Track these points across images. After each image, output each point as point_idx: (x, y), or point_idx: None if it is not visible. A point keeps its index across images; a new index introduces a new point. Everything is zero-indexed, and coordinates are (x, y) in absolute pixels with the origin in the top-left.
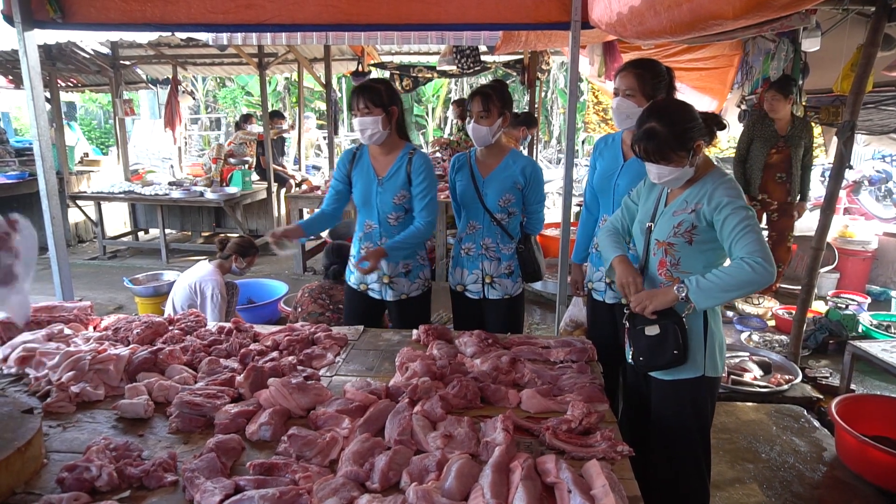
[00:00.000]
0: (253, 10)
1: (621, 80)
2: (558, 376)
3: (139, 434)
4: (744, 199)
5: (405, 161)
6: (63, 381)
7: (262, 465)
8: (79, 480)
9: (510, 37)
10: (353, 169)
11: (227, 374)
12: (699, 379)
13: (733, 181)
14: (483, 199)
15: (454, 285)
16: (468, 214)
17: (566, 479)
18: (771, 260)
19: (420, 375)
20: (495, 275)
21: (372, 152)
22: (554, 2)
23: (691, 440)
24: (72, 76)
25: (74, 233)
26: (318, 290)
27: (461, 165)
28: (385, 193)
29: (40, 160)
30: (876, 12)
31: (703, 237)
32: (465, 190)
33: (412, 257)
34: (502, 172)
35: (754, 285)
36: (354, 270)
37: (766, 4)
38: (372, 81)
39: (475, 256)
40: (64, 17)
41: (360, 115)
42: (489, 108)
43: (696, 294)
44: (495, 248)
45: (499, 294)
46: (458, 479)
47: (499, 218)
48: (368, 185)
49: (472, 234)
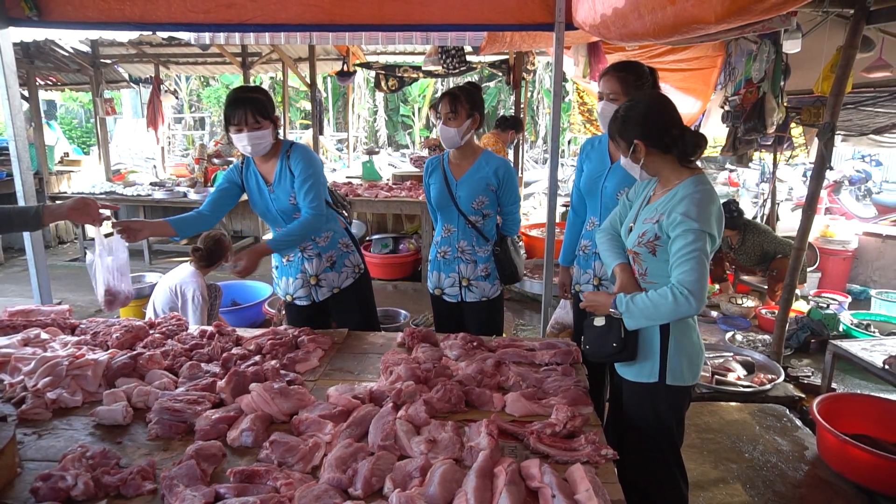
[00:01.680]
0: (234, 10)
1: (605, 83)
2: (543, 379)
3: (117, 441)
4: (706, 218)
5: (285, 161)
6: (39, 387)
7: (242, 473)
8: (54, 490)
9: (495, 37)
10: (244, 181)
11: (209, 379)
12: (657, 385)
13: (703, 196)
14: (456, 201)
15: (433, 289)
16: (443, 218)
17: (550, 484)
18: (700, 293)
19: (404, 379)
20: (472, 277)
21: (256, 161)
22: (538, 3)
23: (659, 444)
24: (51, 74)
25: (55, 234)
26: None
27: (434, 168)
28: (280, 199)
29: (16, 160)
30: (854, 15)
31: (665, 248)
32: (439, 193)
33: (333, 248)
34: (475, 174)
35: (676, 315)
36: (281, 283)
37: (747, 9)
38: (252, 93)
39: (451, 260)
40: (40, 15)
41: (249, 130)
42: (457, 110)
43: (626, 315)
44: (471, 250)
45: (476, 297)
46: (441, 485)
47: (473, 220)
48: (262, 196)
49: (447, 237)
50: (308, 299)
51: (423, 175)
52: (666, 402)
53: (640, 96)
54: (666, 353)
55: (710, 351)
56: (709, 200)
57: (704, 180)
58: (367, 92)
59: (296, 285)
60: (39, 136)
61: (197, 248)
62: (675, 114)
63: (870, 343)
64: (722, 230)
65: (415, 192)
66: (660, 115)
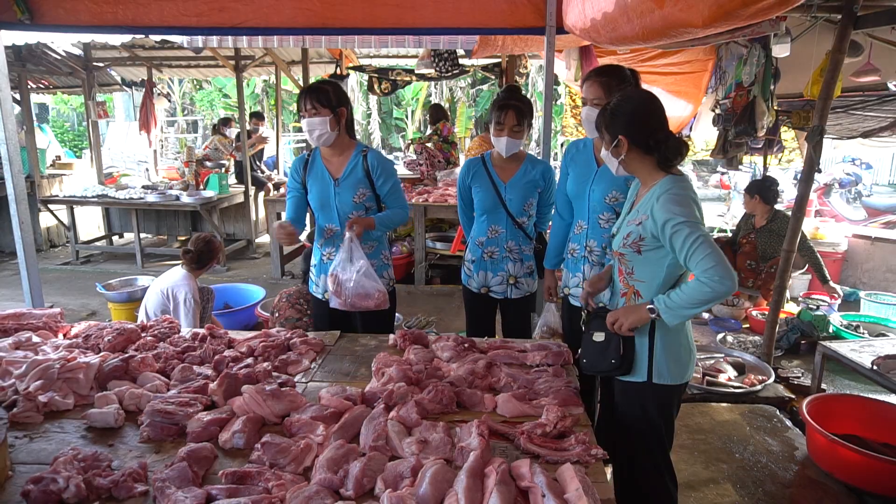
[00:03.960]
0: (227, 14)
1: (588, 89)
2: (534, 380)
3: (109, 444)
4: (688, 210)
5: (360, 160)
6: (30, 390)
7: (234, 474)
8: (45, 493)
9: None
10: (307, 174)
11: (201, 382)
12: (644, 385)
13: (678, 191)
14: (506, 204)
15: (478, 288)
16: (489, 219)
17: (540, 484)
18: (726, 269)
19: (396, 381)
20: (519, 275)
21: (324, 154)
22: (529, 7)
23: (647, 443)
24: (43, 78)
25: (46, 237)
26: (295, 296)
27: (476, 171)
28: (343, 194)
29: (7, 164)
30: (842, 20)
31: (650, 247)
32: (487, 196)
33: (376, 257)
34: (524, 177)
35: (716, 297)
36: (319, 281)
37: (733, 13)
38: (320, 83)
39: (500, 259)
40: (32, 19)
41: (307, 116)
42: (522, 123)
43: (666, 312)
44: (518, 250)
45: (521, 293)
46: (432, 485)
47: (520, 221)
48: (325, 188)
49: (494, 238)
50: None
51: (418, 175)
52: (654, 401)
53: (632, 92)
54: (652, 352)
55: (701, 352)
56: (685, 195)
57: (681, 180)
58: (361, 95)
59: None
60: (31, 139)
61: (187, 251)
62: (663, 116)
63: (858, 344)
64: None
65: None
66: (648, 116)
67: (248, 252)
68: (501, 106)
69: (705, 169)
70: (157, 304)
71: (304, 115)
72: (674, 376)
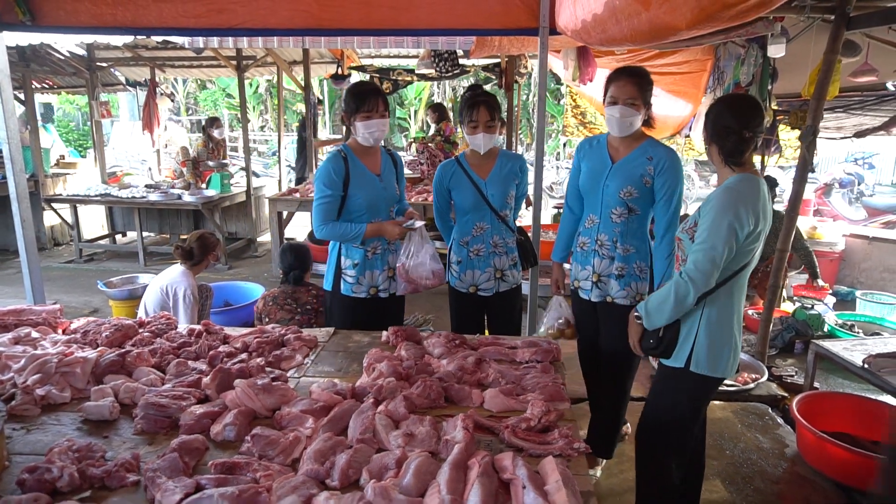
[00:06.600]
0: (225, 15)
1: (621, 89)
2: (522, 376)
3: (104, 436)
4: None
5: (387, 156)
6: (28, 383)
7: (223, 465)
8: (39, 481)
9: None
10: (349, 175)
11: (195, 376)
12: (681, 371)
13: (735, 188)
14: (489, 200)
15: (466, 288)
16: (473, 218)
17: (521, 476)
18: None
19: (386, 376)
20: (505, 268)
21: (359, 153)
22: (522, 8)
23: (667, 427)
24: (47, 78)
25: (50, 236)
26: (282, 297)
27: (453, 173)
28: (388, 189)
29: (10, 163)
30: (835, 20)
31: None
32: (468, 196)
33: None
34: (501, 171)
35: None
36: (363, 280)
37: (714, 16)
38: (374, 86)
39: (486, 255)
40: (33, 20)
41: (377, 118)
42: (494, 117)
43: (645, 319)
44: (503, 243)
45: (508, 285)
46: (416, 477)
47: (503, 215)
48: (373, 186)
49: (479, 235)
50: (388, 291)
51: (419, 175)
52: (687, 389)
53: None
54: (695, 340)
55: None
56: (738, 195)
57: (746, 178)
58: None
59: (381, 277)
60: (35, 138)
61: (179, 246)
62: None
63: (851, 343)
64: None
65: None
66: (721, 116)
67: (250, 251)
68: (472, 104)
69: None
70: (156, 301)
71: (373, 116)
72: (711, 368)
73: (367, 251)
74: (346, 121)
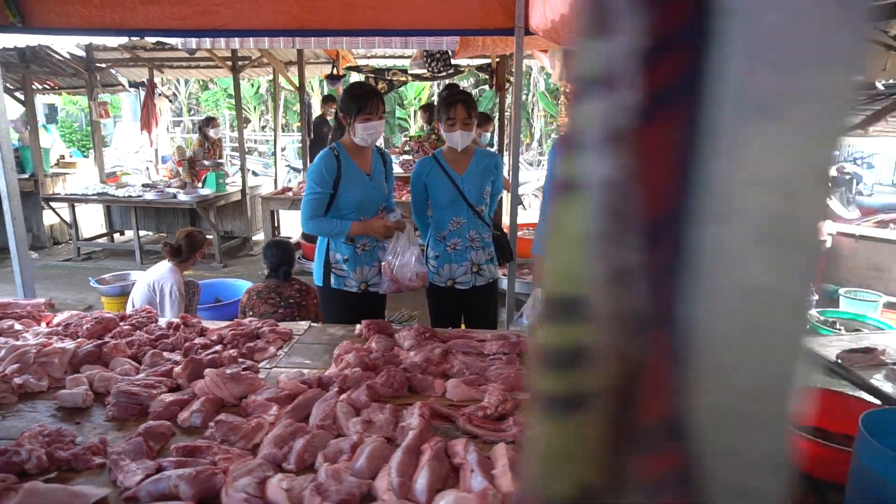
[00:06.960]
0: (209, 17)
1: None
2: (487, 367)
3: (76, 422)
4: None
5: (377, 155)
6: (7, 372)
7: (185, 448)
8: (8, 463)
9: (467, 41)
10: (340, 174)
11: (168, 366)
12: None
13: None
14: (465, 195)
15: (444, 282)
16: (450, 212)
17: (471, 461)
18: None
19: (353, 366)
20: (481, 262)
21: (351, 152)
22: (499, 9)
23: None
24: (48, 78)
25: (49, 235)
26: (265, 291)
27: (430, 169)
28: (378, 188)
29: (1, 162)
30: None
31: None
32: (445, 190)
33: None
34: (478, 167)
35: None
36: (354, 275)
37: None
38: (372, 88)
39: (462, 250)
40: (24, 22)
41: (376, 119)
42: (471, 115)
43: None
44: (479, 238)
45: (485, 280)
46: (369, 460)
47: (479, 210)
48: (364, 185)
49: (456, 230)
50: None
51: (412, 179)
52: None
53: None
54: None
55: None
56: None
57: None
58: None
59: (372, 273)
60: (35, 138)
61: (166, 243)
62: None
63: (829, 339)
64: None
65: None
66: None
67: (245, 249)
68: (449, 102)
69: None
70: (143, 296)
71: (373, 118)
72: None
73: (357, 248)
74: (345, 121)
